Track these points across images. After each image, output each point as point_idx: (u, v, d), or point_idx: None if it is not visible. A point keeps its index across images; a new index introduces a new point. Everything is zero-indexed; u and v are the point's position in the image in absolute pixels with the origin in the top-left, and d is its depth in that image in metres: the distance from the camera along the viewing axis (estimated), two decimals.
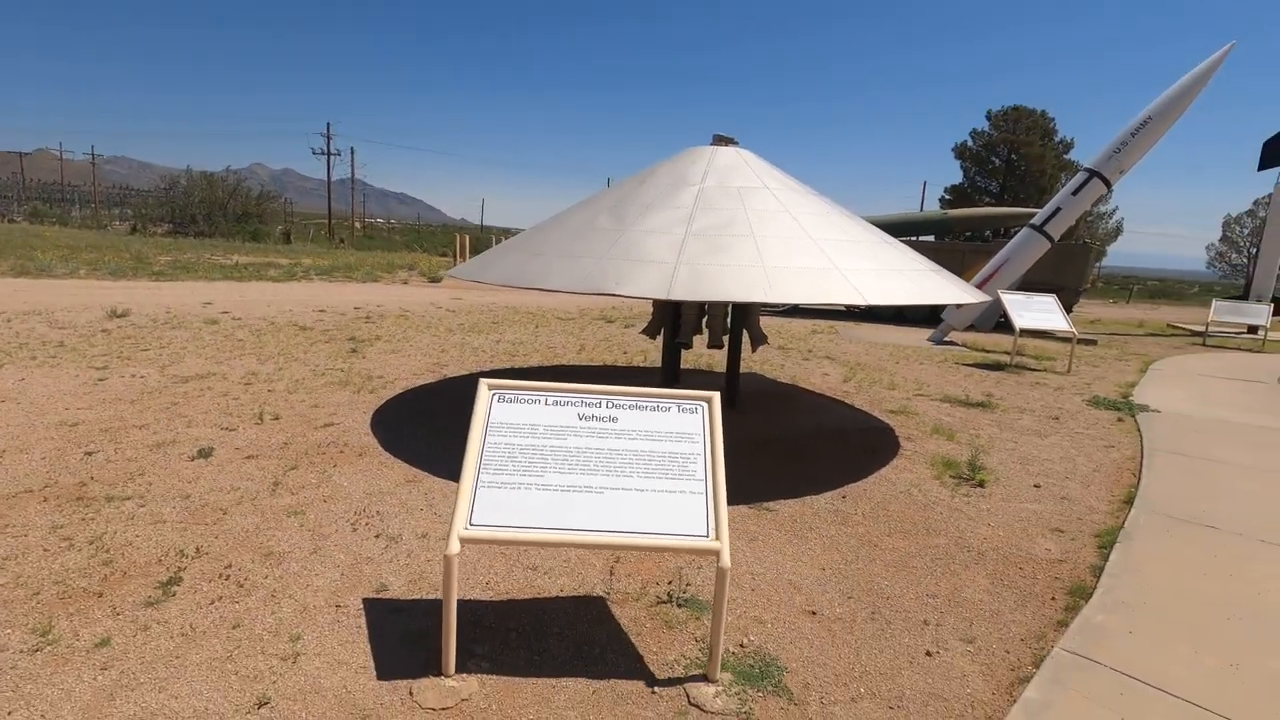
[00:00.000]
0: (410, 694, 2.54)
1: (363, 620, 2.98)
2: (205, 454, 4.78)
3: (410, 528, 3.86)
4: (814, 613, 3.25)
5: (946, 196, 44.66)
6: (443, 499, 4.27)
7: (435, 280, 20.56)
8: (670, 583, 3.39)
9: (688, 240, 4.77)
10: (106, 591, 3.07)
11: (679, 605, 3.20)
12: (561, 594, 3.28)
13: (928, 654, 2.97)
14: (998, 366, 10.35)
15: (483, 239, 41.93)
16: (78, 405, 5.74)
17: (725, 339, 6.53)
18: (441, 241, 51.39)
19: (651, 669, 2.77)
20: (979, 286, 12.41)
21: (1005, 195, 41.61)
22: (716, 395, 3.04)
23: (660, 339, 6.72)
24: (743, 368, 7.10)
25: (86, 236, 30.42)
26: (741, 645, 2.96)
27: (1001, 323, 12.54)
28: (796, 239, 4.98)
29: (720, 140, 6.17)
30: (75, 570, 3.23)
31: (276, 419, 5.67)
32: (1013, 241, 13.20)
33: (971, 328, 13.79)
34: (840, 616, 3.23)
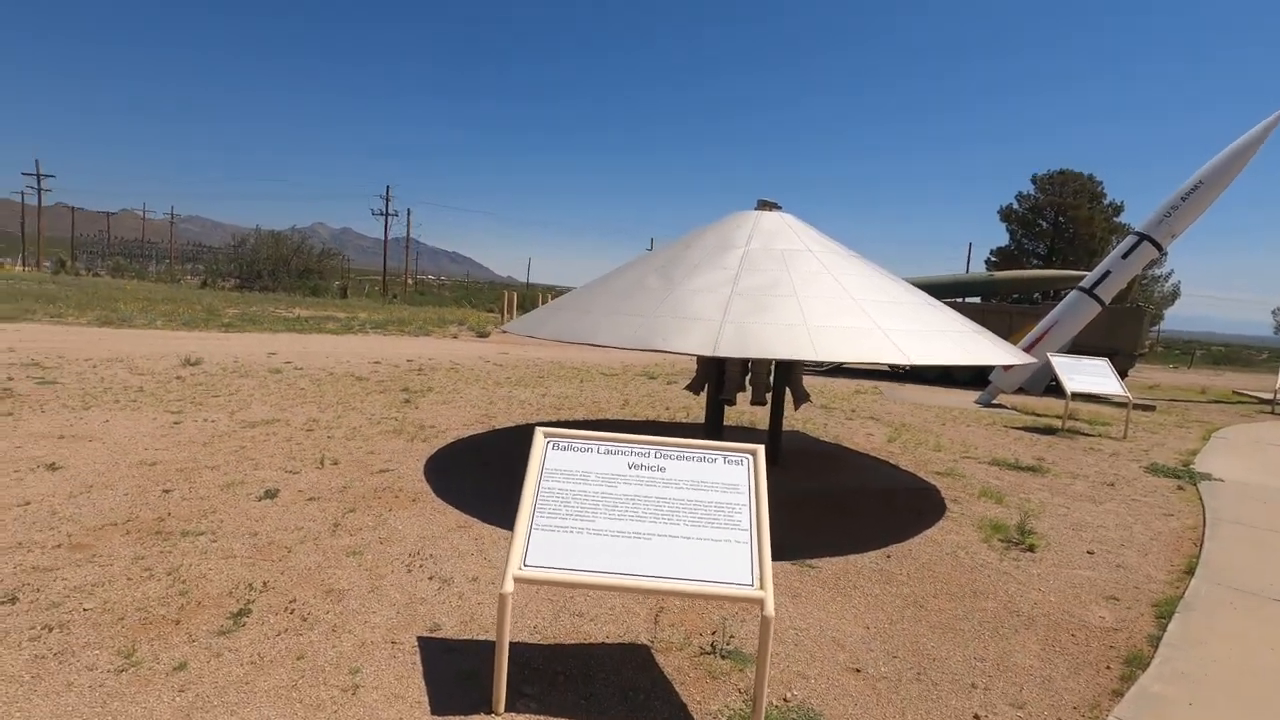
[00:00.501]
0: None
1: (417, 657, 3.10)
2: (271, 495, 5.05)
3: (462, 571, 4.01)
4: (858, 670, 3.24)
5: (993, 259, 44.25)
6: (493, 545, 4.41)
7: (483, 335, 21.21)
8: (714, 633, 3.43)
9: (733, 299, 4.96)
10: (183, 619, 3.28)
11: (722, 656, 3.24)
12: (607, 640, 3.36)
13: (976, 717, 2.93)
14: (1049, 430, 10.12)
15: (528, 296, 43.25)
16: (155, 446, 6.13)
17: (768, 396, 6.63)
18: (489, 298, 53.12)
19: (695, 718, 2.80)
20: (1027, 349, 12.25)
21: (1053, 258, 41.06)
22: (761, 447, 3.15)
23: (704, 395, 6.86)
24: (785, 426, 7.15)
25: (162, 290, 32.43)
26: (785, 699, 2.97)
27: (1052, 386, 12.29)
28: (839, 299, 5.13)
29: (764, 205, 6.43)
30: (155, 599, 3.46)
31: (336, 464, 5.95)
32: (1062, 304, 13.05)
33: (1021, 390, 13.52)
34: (885, 675, 3.22)
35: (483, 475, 5.91)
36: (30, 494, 4.75)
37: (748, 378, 6.64)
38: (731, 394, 6.53)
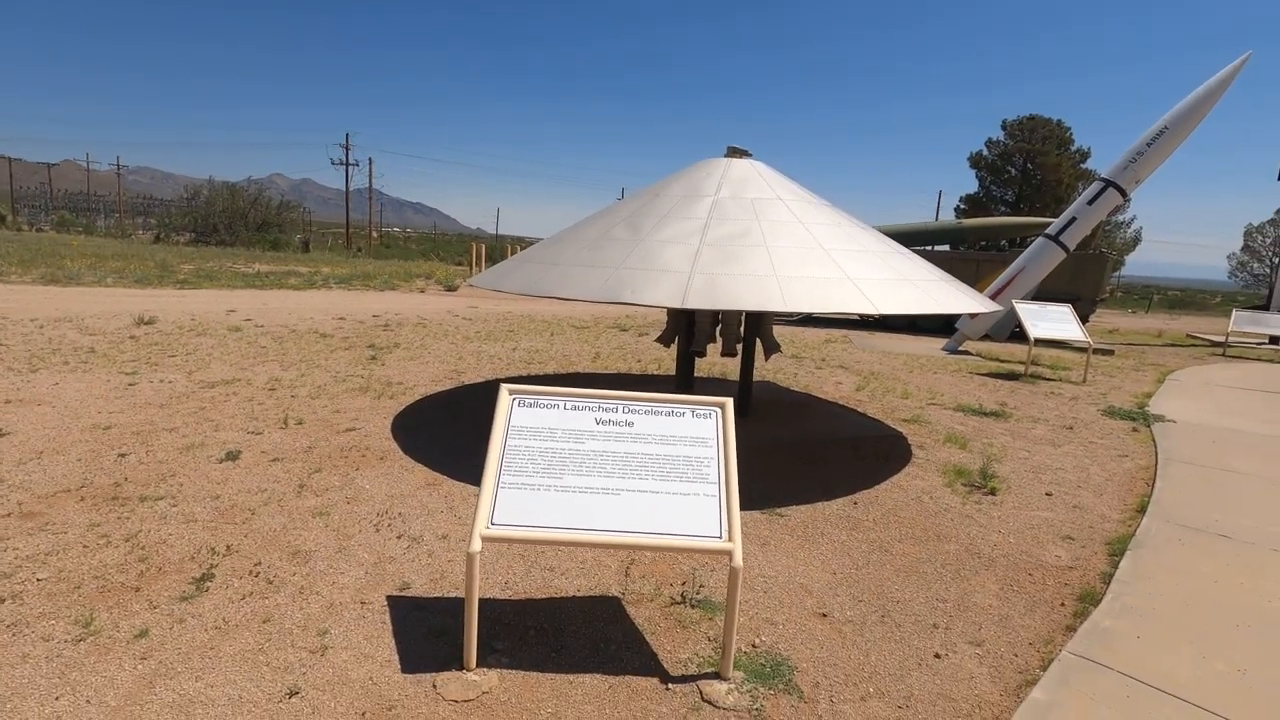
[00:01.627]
0: (434, 686, 2.64)
1: (387, 616, 3.09)
2: (233, 457, 4.93)
3: (431, 529, 3.98)
4: (825, 615, 3.32)
5: (962, 206, 44.52)
6: (462, 502, 4.38)
7: (451, 289, 20.81)
8: (684, 584, 3.47)
9: (702, 250, 4.88)
10: (143, 586, 3.21)
11: (692, 606, 3.28)
12: (578, 594, 3.38)
13: (936, 656, 3.03)
14: (1012, 376, 10.34)
15: (497, 248, 42.39)
16: (109, 409, 5.93)
17: (739, 347, 6.62)
18: (457, 250, 51.96)
19: (665, 666, 2.85)
20: (993, 296, 12.41)
21: (1021, 205, 41.42)
22: (730, 401, 3.13)
23: (674, 347, 6.82)
24: (756, 376, 7.17)
25: (112, 245, 31.10)
26: (754, 645, 3.03)
27: (1017, 332, 12.52)
28: (809, 249, 5.07)
29: (734, 152, 6.29)
30: (113, 566, 3.37)
31: (300, 424, 5.82)
32: (1028, 251, 13.20)
33: (987, 337, 13.76)
34: (850, 619, 3.30)
35: (452, 432, 5.85)
36: None
37: (718, 329, 6.61)
38: (702, 346, 6.51)
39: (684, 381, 6.61)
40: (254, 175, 56.58)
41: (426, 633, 2.98)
